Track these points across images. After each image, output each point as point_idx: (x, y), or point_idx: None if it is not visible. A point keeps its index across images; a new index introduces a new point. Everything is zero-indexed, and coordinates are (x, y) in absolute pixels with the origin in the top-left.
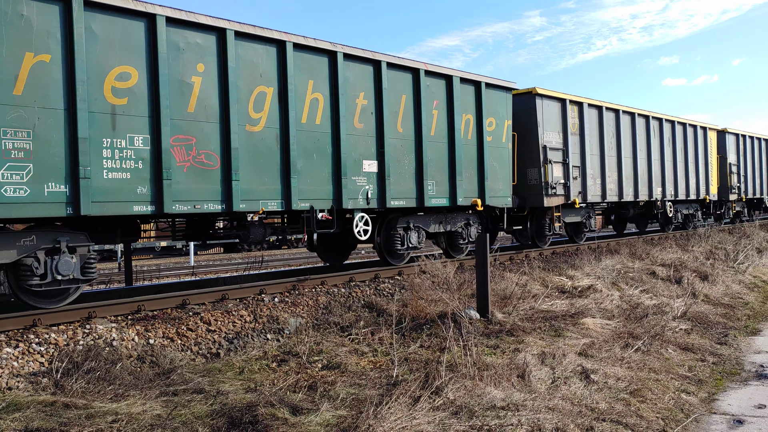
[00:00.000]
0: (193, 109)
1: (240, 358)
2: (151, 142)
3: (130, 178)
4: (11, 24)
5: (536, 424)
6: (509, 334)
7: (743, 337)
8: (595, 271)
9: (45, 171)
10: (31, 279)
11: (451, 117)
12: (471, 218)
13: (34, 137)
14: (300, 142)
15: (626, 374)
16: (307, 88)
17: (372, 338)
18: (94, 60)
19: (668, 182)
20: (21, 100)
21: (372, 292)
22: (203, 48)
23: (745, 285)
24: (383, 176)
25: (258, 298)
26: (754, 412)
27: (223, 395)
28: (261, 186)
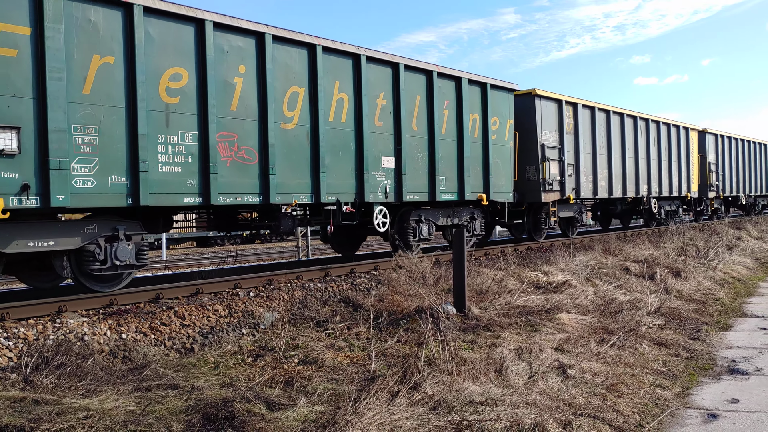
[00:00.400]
0: (235, 108)
1: (215, 352)
2: (199, 138)
3: (180, 172)
4: (81, 28)
5: (515, 420)
6: (486, 329)
7: (715, 333)
8: (569, 267)
9: (109, 164)
10: (93, 264)
11: (459, 116)
12: (475, 212)
13: (100, 133)
14: (327, 139)
15: (602, 369)
16: (333, 89)
17: (348, 333)
18: (151, 62)
19: (653, 180)
20: (89, 99)
21: (348, 287)
22: (244, 51)
23: (716, 281)
24: (400, 172)
25: (233, 292)
26: (727, 407)
27: (198, 390)
28: (293, 180)
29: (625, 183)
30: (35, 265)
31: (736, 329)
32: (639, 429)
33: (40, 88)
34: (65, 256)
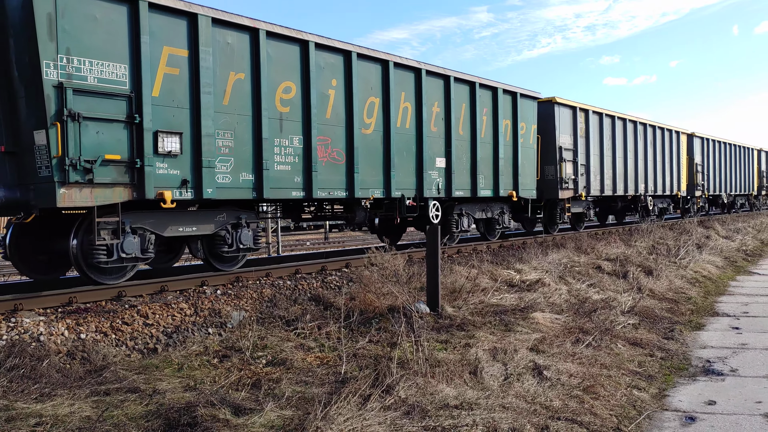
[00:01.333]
0: (329, 116)
1: (179, 353)
2: (303, 141)
3: (290, 170)
4: (222, 50)
5: (492, 425)
6: (460, 329)
7: (689, 332)
8: (542, 265)
9: (240, 163)
10: (222, 247)
11: (495, 122)
12: (504, 207)
13: (234, 137)
14: (396, 142)
15: (578, 370)
16: (400, 99)
17: (319, 333)
18: (270, 77)
19: (649, 179)
20: (227, 109)
21: (319, 285)
22: (335, 67)
23: (687, 280)
24: (449, 171)
25: (199, 290)
26: (705, 409)
27: (159, 394)
28: (371, 177)
29: (626, 182)
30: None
31: (709, 328)
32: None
33: (195, 100)
34: (199, 240)
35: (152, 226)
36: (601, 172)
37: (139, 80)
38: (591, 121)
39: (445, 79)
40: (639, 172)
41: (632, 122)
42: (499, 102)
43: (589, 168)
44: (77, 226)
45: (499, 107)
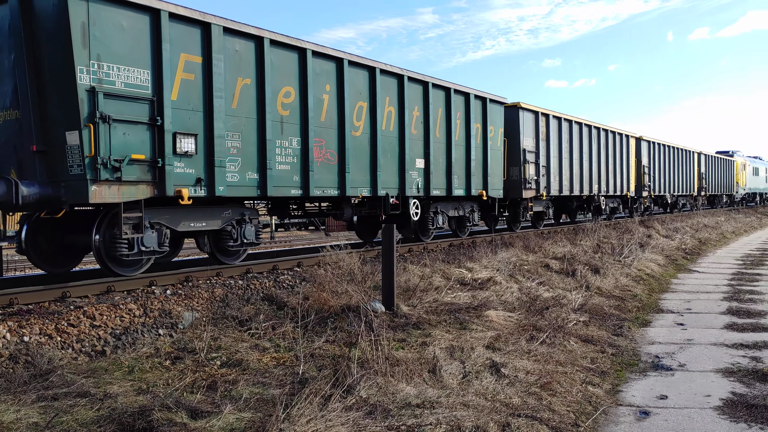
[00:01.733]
0: (324, 119)
1: (129, 356)
2: (301, 143)
3: (289, 170)
4: (231, 57)
5: (455, 423)
6: (416, 328)
7: (637, 329)
8: (492, 264)
9: (247, 163)
10: (228, 241)
11: (467, 125)
12: (474, 206)
13: (242, 139)
14: (382, 144)
15: (535, 367)
16: (385, 103)
17: (274, 333)
18: (273, 82)
19: (602, 180)
20: (235, 112)
21: (271, 285)
22: (329, 73)
23: (632, 278)
24: (428, 171)
25: (148, 290)
26: (657, 403)
27: (111, 398)
28: (360, 177)
29: (582, 182)
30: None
31: (655, 325)
32: (575, 428)
33: (208, 104)
34: (206, 235)
35: (167, 222)
36: (560, 173)
37: (161, 85)
38: (551, 124)
39: (424, 85)
40: (593, 173)
41: (587, 126)
42: (471, 107)
43: (549, 169)
44: (99, 221)
45: (471, 112)
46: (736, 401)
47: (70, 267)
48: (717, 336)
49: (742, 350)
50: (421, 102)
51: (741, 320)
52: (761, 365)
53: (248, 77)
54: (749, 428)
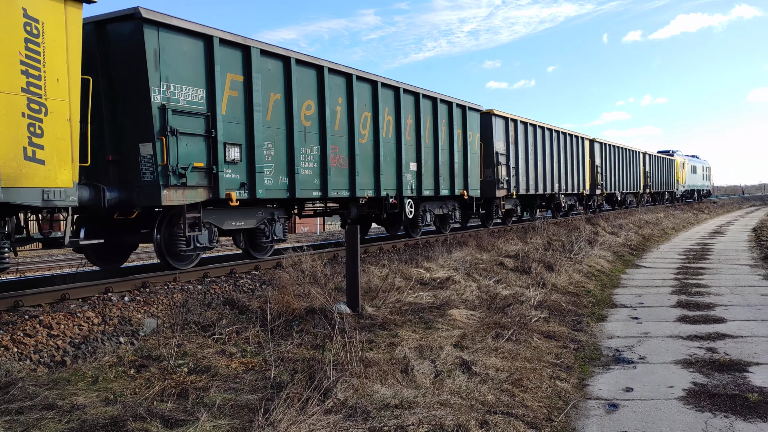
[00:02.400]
0: (337, 128)
1: (91, 365)
2: (320, 150)
3: (311, 174)
4: (265, 75)
5: (437, 422)
6: (382, 328)
7: (595, 324)
8: (448, 263)
9: (278, 169)
10: (261, 238)
11: (450, 132)
12: (456, 204)
13: (275, 147)
14: (383, 150)
15: (504, 365)
16: (385, 113)
17: (238, 337)
18: (298, 97)
19: (562, 180)
20: (269, 124)
21: (231, 288)
22: (340, 87)
23: (584, 274)
24: (420, 174)
25: (105, 297)
26: (624, 396)
27: (79, 410)
28: (365, 180)
29: (545, 182)
30: None
31: (611, 319)
32: (549, 423)
33: (249, 117)
34: (242, 233)
35: (215, 221)
36: (526, 173)
37: (213, 101)
38: (519, 129)
39: (416, 96)
40: (554, 173)
41: (548, 129)
42: (453, 114)
43: (518, 170)
44: (159, 222)
45: (453, 119)
46: (698, 391)
47: (120, 263)
48: (672, 328)
49: (697, 341)
50: (413, 111)
51: (692, 313)
52: (717, 355)
53: (278, 93)
54: (714, 417)
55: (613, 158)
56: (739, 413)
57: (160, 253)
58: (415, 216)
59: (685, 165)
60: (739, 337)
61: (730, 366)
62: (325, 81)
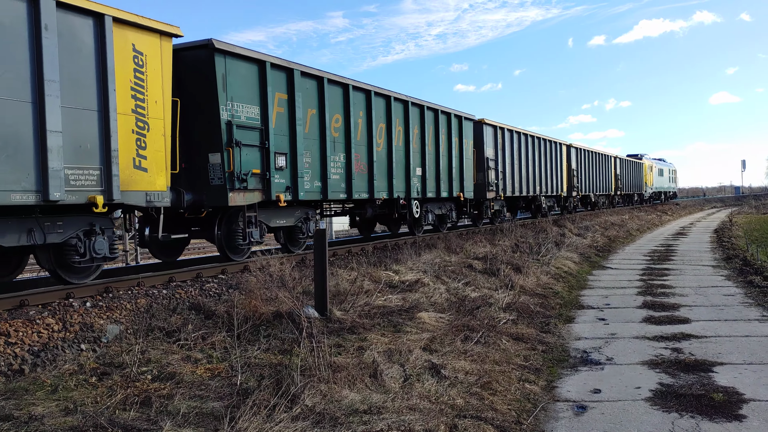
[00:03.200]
0: (359, 138)
1: (51, 373)
2: (345, 157)
3: (339, 179)
4: (304, 93)
5: (406, 428)
6: (351, 332)
7: (562, 325)
8: (417, 266)
9: (314, 174)
10: (299, 234)
11: (449, 139)
12: (452, 205)
13: (311, 156)
14: (395, 157)
15: (473, 367)
16: (396, 124)
17: (204, 343)
18: (329, 111)
19: (543, 183)
20: (307, 135)
21: (197, 293)
22: (361, 102)
23: (552, 276)
24: (424, 177)
25: (65, 303)
26: (592, 397)
27: (37, 421)
28: (381, 183)
29: (528, 185)
30: None
31: (578, 321)
32: (519, 426)
33: (292, 130)
34: (281, 230)
35: (264, 219)
36: (512, 177)
37: (266, 117)
38: (506, 136)
39: (421, 108)
40: (536, 176)
41: (531, 136)
42: (452, 124)
43: (505, 174)
44: (219, 220)
45: (452, 128)
46: (665, 392)
47: (176, 257)
48: (638, 329)
49: (663, 342)
50: (418, 121)
51: (657, 313)
52: (683, 356)
53: (314, 108)
54: (681, 417)
55: (587, 162)
56: (705, 413)
57: (220, 247)
58: (419, 216)
59: (652, 168)
60: (703, 337)
61: (695, 366)
62: (350, 97)
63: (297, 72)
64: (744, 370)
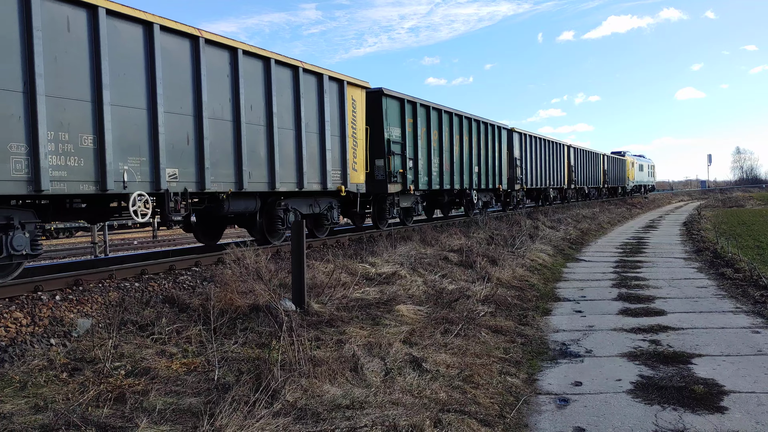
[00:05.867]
0: (446, 146)
1: (19, 369)
2: (439, 161)
3: (436, 175)
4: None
5: (390, 423)
6: (329, 325)
7: (540, 317)
8: (393, 258)
9: (424, 172)
10: (413, 214)
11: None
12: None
13: (423, 160)
14: (464, 158)
15: (454, 361)
16: (465, 134)
17: (179, 337)
18: (432, 128)
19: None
20: (421, 146)
21: (171, 286)
22: (448, 120)
23: (527, 268)
24: (479, 173)
25: (34, 296)
26: (573, 390)
27: (5, 419)
28: (457, 178)
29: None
30: None
31: (555, 313)
32: (502, 420)
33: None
34: (403, 210)
35: (398, 203)
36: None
37: (404, 135)
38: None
39: (477, 122)
40: (547, 172)
41: (546, 140)
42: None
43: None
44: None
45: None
46: (646, 384)
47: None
48: (615, 322)
49: (640, 334)
50: (476, 132)
51: (633, 305)
52: (661, 348)
53: (425, 127)
54: (663, 410)
55: (582, 160)
56: (687, 405)
57: (373, 219)
58: (476, 201)
59: (634, 164)
60: (680, 329)
61: (674, 358)
62: (442, 116)
63: (418, 104)
64: (722, 362)
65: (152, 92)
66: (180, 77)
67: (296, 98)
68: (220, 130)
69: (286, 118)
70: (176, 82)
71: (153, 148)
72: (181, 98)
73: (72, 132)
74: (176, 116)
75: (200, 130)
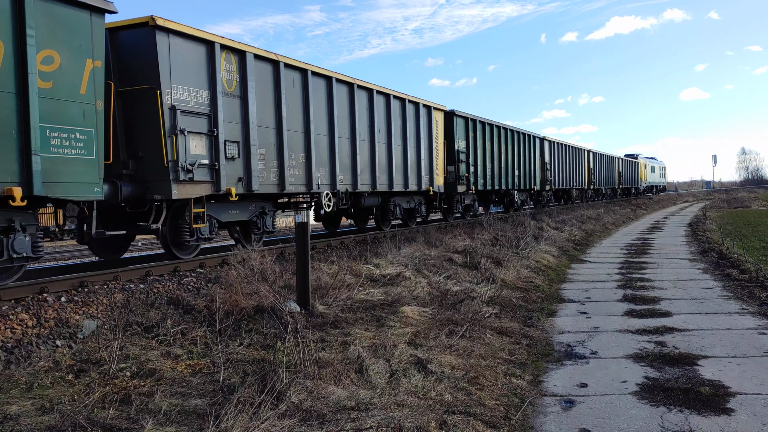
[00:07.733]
0: (494, 154)
1: (25, 371)
2: (491, 165)
3: (490, 177)
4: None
5: (396, 425)
6: (334, 327)
7: (545, 319)
8: (397, 259)
9: (481, 174)
10: (472, 210)
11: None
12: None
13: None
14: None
15: (459, 362)
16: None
17: (184, 338)
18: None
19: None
20: (479, 154)
21: (175, 287)
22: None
23: (532, 269)
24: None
25: (40, 297)
26: (579, 392)
27: (12, 420)
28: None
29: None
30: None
31: (560, 314)
32: (507, 422)
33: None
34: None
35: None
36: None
37: (468, 146)
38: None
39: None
40: (571, 174)
41: (565, 145)
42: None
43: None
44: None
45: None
46: (651, 386)
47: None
48: (620, 323)
49: (646, 336)
50: (516, 141)
51: (638, 307)
52: (667, 349)
53: (482, 139)
54: (669, 411)
55: (599, 162)
56: (693, 407)
57: (443, 214)
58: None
59: (646, 166)
60: (686, 331)
61: (680, 359)
62: (493, 129)
63: (477, 120)
64: (728, 363)
65: (331, 124)
66: (342, 112)
67: (403, 121)
68: (363, 148)
69: (397, 137)
70: (342, 114)
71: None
72: (345, 127)
73: (296, 152)
74: (343, 140)
75: (354, 149)
